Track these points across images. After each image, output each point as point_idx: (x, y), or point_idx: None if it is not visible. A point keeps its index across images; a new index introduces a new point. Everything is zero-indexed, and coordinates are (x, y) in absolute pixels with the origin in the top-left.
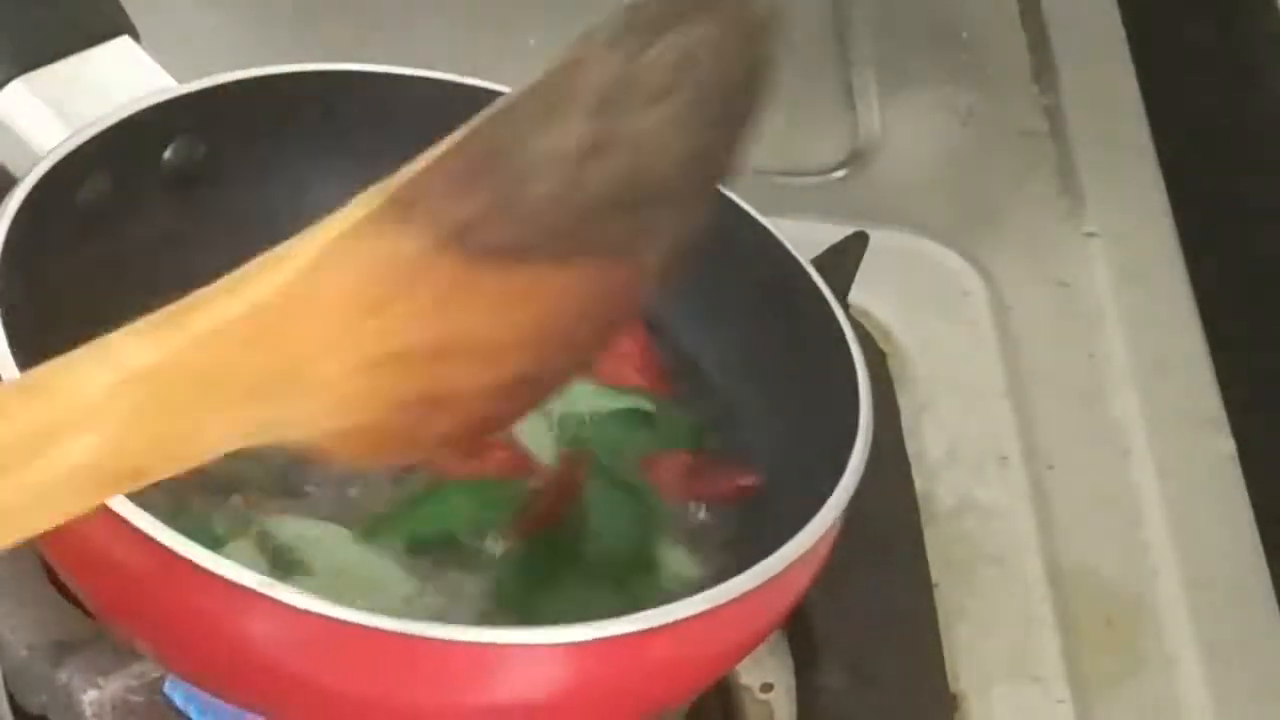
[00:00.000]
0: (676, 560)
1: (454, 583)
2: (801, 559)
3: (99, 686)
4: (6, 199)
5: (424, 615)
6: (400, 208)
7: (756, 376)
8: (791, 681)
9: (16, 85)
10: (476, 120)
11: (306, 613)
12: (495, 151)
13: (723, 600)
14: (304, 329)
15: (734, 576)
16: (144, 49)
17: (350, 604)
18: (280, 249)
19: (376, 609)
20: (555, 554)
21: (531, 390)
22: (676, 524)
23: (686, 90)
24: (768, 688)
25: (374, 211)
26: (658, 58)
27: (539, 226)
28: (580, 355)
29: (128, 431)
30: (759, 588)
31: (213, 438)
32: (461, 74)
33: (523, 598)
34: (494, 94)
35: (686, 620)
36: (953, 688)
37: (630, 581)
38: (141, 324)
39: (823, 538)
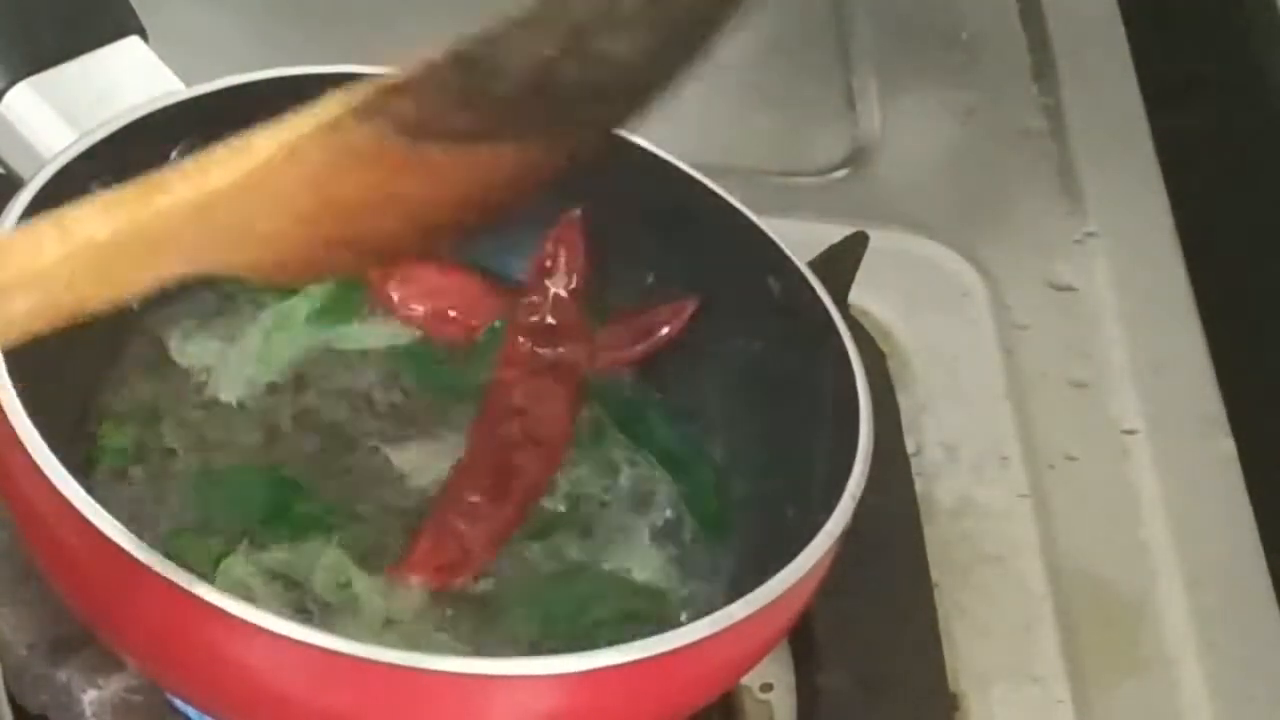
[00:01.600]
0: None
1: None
2: (798, 584)
3: (99, 686)
4: (11, 203)
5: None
6: (366, 113)
7: (754, 384)
8: (791, 681)
9: (22, 88)
10: (459, 42)
11: (294, 641)
12: (467, 66)
13: (717, 629)
14: (252, 207)
15: (727, 596)
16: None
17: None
18: (241, 140)
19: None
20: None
21: (436, 236)
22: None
23: (658, 22)
24: (768, 688)
25: (340, 116)
26: None
27: (488, 117)
28: (489, 214)
29: (69, 290)
30: (749, 618)
31: (146, 283)
32: None
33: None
34: None
35: (685, 648)
36: (953, 688)
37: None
38: (101, 200)
39: (819, 562)
